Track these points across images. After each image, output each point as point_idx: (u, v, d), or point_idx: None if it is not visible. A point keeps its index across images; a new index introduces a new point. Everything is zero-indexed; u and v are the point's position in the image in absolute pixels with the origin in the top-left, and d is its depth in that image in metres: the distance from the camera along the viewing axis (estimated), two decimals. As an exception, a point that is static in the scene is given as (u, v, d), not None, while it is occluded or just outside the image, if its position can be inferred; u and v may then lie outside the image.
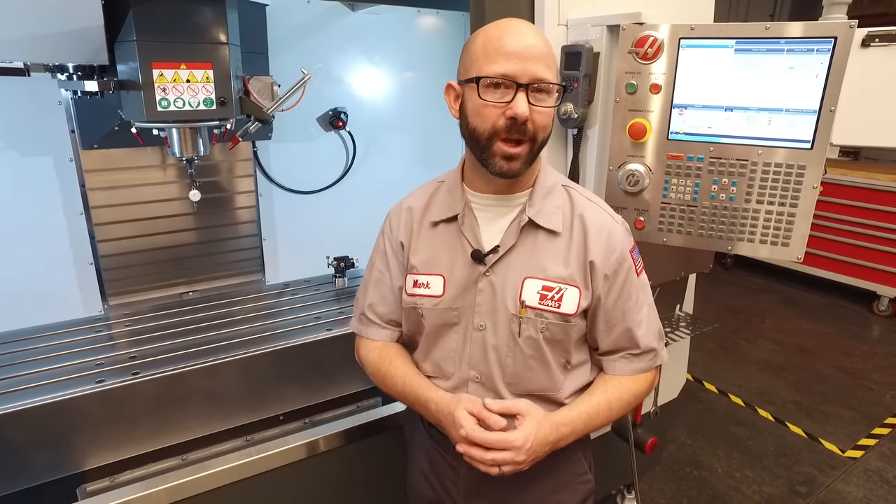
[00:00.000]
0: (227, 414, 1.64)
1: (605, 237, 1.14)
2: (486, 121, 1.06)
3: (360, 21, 2.43)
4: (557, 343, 1.17)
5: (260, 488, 1.53)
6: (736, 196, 1.43)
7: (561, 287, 1.13)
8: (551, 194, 1.17)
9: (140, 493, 1.35)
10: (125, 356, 1.62)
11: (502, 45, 1.04)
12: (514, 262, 1.15)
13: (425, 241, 1.22)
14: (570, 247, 1.15)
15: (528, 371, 1.17)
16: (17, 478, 1.38)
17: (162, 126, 1.71)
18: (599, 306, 1.17)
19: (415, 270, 1.22)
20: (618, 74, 1.48)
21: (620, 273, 1.15)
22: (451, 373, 1.21)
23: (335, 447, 1.62)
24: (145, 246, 2.14)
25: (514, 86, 1.03)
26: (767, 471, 2.82)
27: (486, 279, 1.16)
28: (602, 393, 1.19)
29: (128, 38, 1.55)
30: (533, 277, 1.14)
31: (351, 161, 2.60)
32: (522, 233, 1.15)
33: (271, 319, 1.88)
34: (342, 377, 1.81)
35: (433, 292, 1.20)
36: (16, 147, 1.98)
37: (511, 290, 1.15)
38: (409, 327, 1.27)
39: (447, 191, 1.24)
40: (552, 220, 1.15)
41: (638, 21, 1.43)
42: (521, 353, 1.16)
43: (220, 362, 1.60)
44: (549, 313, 1.14)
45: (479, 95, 1.05)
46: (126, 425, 1.50)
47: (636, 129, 1.47)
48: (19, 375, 1.50)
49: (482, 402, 1.12)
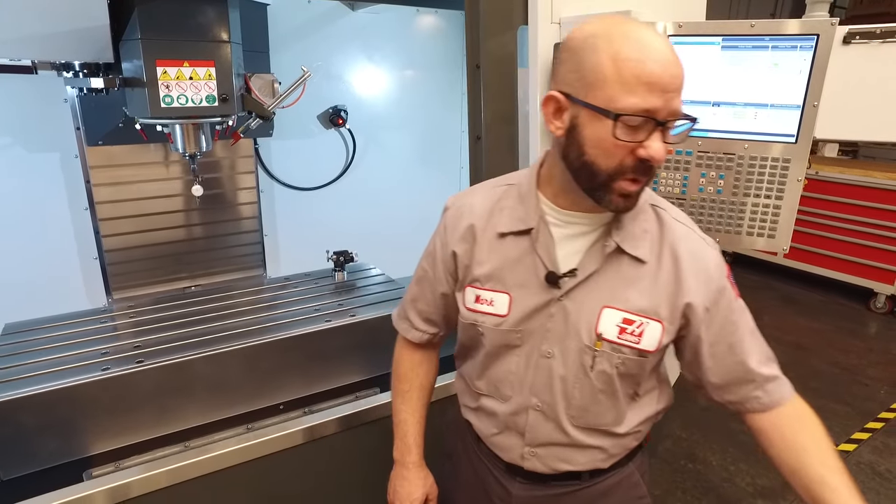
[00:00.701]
0: (229, 402, 1.68)
1: (702, 270, 1.02)
2: (613, 159, 0.90)
3: (359, 20, 2.47)
4: (630, 377, 1.07)
5: (258, 472, 1.57)
6: (723, 189, 1.47)
7: (643, 321, 1.01)
8: (640, 216, 1.03)
9: (141, 475, 1.39)
10: (130, 346, 1.66)
11: (644, 70, 0.85)
12: (593, 288, 1.03)
13: (489, 253, 1.09)
14: (658, 277, 1.02)
15: (595, 405, 1.08)
16: (27, 461, 1.42)
17: (165, 122, 1.75)
18: (701, 342, 1.04)
19: (477, 284, 1.10)
20: (608, 71, 1.51)
21: (721, 303, 1.03)
22: (509, 396, 1.13)
23: (332, 433, 1.66)
24: (148, 241, 2.18)
25: (652, 123, 0.87)
26: (761, 464, 2.86)
27: (560, 304, 1.04)
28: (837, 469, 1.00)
29: (132, 36, 1.59)
30: (612, 308, 1.02)
31: (351, 158, 2.65)
32: (607, 259, 1.02)
33: (272, 311, 1.92)
34: (341, 367, 1.85)
35: (497, 311, 1.09)
36: (23, 144, 2.03)
37: (586, 319, 1.03)
38: (467, 342, 1.20)
39: (518, 198, 1.08)
40: (639, 246, 1.01)
41: (628, 19, 1.47)
42: (591, 386, 1.06)
43: (222, 352, 1.64)
44: (627, 348, 1.03)
45: (615, 134, 0.87)
46: (131, 412, 1.55)
47: (626, 124, 1.51)
48: (29, 363, 1.54)
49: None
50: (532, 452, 1.14)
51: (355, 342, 1.85)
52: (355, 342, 1.85)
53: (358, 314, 1.87)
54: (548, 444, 1.13)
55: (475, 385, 1.19)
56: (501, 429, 1.17)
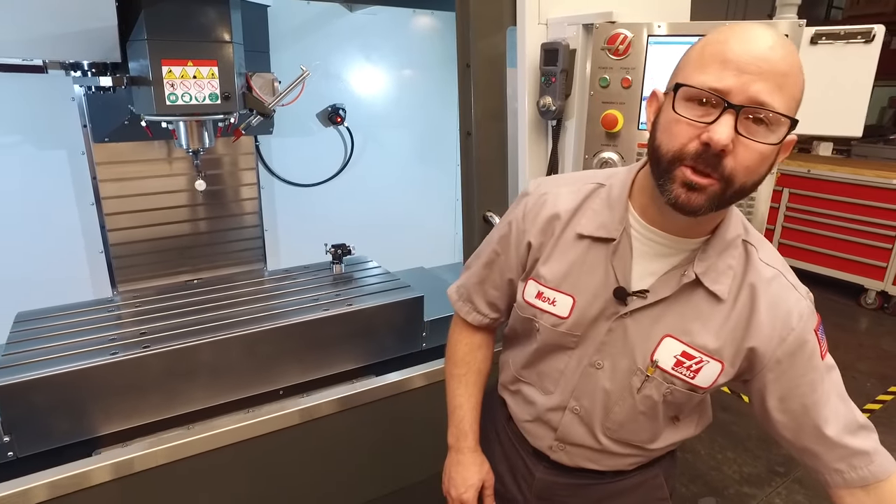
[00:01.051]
0: (231, 387, 1.76)
1: (780, 318, 0.95)
2: (675, 140, 0.84)
3: (357, 21, 2.54)
4: (675, 405, 1.05)
5: (256, 452, 1.66)
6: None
7: (703, 358, 0.97)
8: (728, 251, 0.96)
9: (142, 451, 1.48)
10: (136, 332, 1.73)
11: (723, 49, 0.81)
12: (660, 314, 0.99)
13: (563, 252, 1.06)
14: (729, 317, 0.96)
15: (633, 423, 1.07)
16: (40, 439, 1.49)
17: (170, 119, 1.82)
18: (767, 393, 0.98)
19: (542, 281, 1.08)
20: (592, 69, 1.60)
21: (800, 357, 0.95)
22: (551, 391, 1.13)
23: (326, 414, 1.74)
24: (152, 235, 2.25)
25: (722, 104, 0.80)
26: (749, 453, 2.94)
27: (621, 321, 1.01)
28: None
29: (139, 37, 1.67)
30: (674, 338, 0.98)
31: (349, 155, 2.72)
32: (683, 287, 0.97)
33: (272, 300, 2.00)
34: (339, 355, 1.93)
35: (558, 312, 1.06)
36: (32, 141, 2.10)
37: (644, 342, 1.00)
38: (519, 329, 1.19)
39: (607, 202, 1.03)
40: (719, 282, 0.95)
41: (610, 20, 1.55)
42: (634, 407, 1.05)
43: (224, 338, 1.71)
44: (680, 381, 1.00)
45: (674, 108, 0.84)
46: (137, 395, 1.62)
47: (609, 119, 1.59)
48: (41, 348, 1.62)
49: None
50: (560, 447, 1.16)
51: (352, 330, 1.93)
52: (352, 330, 1.93)
53: (355, 304, 1.95)
54: (577, 446, 1.13)
55: (519, 372, 1.19)
56: (535, 418, 1.17)
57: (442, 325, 2.08)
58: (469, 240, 1.84)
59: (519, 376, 1.20)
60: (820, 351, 0.97)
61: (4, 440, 1.45)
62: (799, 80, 0.84)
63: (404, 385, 1.86)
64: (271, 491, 1.73)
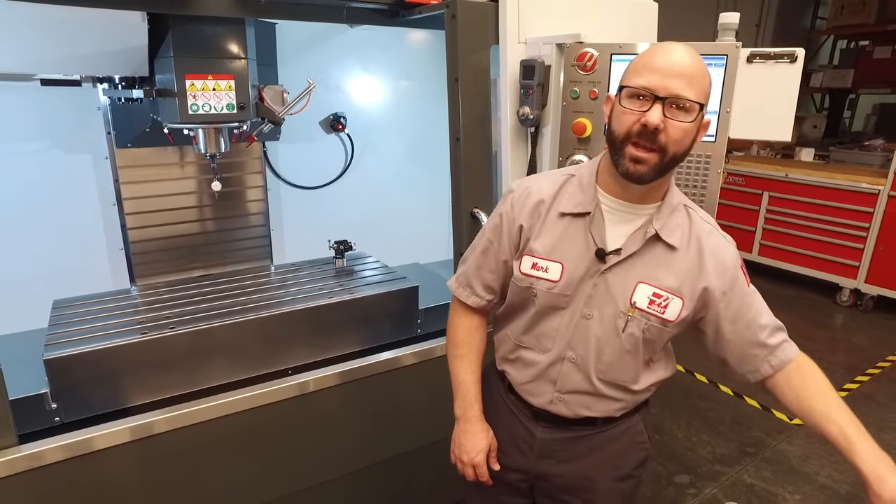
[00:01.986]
0: (246, 366, 1.96)
1: (718, 259, 1.24)
2: (623, 125, 1.14)
3: (357, 36, 2.74)
4: (651, 343, 1.28)
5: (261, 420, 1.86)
6: (659, 180, 1.77)
7: (669, 296, 1.23)
8: (676, 212, 1.26)
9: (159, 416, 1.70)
10: (162, 316, 1.95)
11: (651, 61, 1.13)
12: (632, 266, 1.25)
13: (550, 229, 1.30)
14: (684, 262, 1.24)
15: (620, 362, 1.29)
16: (81, 408, 1.70)
17: (192, 127, 2.04)
18: (721, 319, 1.26)
19: (535, 254, 1.31)
20: (564, 83, 1.82)
21: (736, 287, 1.25)
22: (549, 349, 1.34)
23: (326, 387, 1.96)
24: (168, 234, 2.44)
25: (651, 98, 1.11)
26: (722, 436, 3.15)
27: (603, 276, 1.26)
28: (840, 406, 1.22)
29: (167, 54, 1.89)
30: (646, 283, 1.24)
31: (349, 160, 2.93)
32: (646, 243, 1.24)
33: (282, 290, 2.21)
34: (342, 339, 2.13)
35: (550, 277, 1.29)
36: (60, 147, 2.31)
37: (623, 290, 1.25)
38: (517, 302, 1.39)
39: (579, 187, 1.30)
40: (673, 235, 1.24)
41: (578, 40, 1.77)
42: (621, 346, 1.28)
43: (241, 321, 1.92)
44: (654, 317, 1.25)
45: (620, 102, 1.15)
46: (164, 371, 1.83)
47: (579, 127, 1.81)
48: (79, 329, 1.83)
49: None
50: (560, 398, 1.36)
51: (354, 317, 2.14)
52: (354, 317, 2.14)
53: (356, 292, 2.16)
54: (575, 392, 1.34)
55: (520, 339, 1.40)
56: (535, 377, 1.38)
57: (434, 313, 2.29)
58: (458, 233, 2.05)
59: (519, 342, 1.40)
60: (746, 281, 1.29)
61: (53, 406, 1.65)
62: (705, 79, 1.16)
63: (396, 363, 2.07)
64: (276, 456, 1.94)
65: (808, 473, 2.84)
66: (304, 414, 1.95)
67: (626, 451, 1.41)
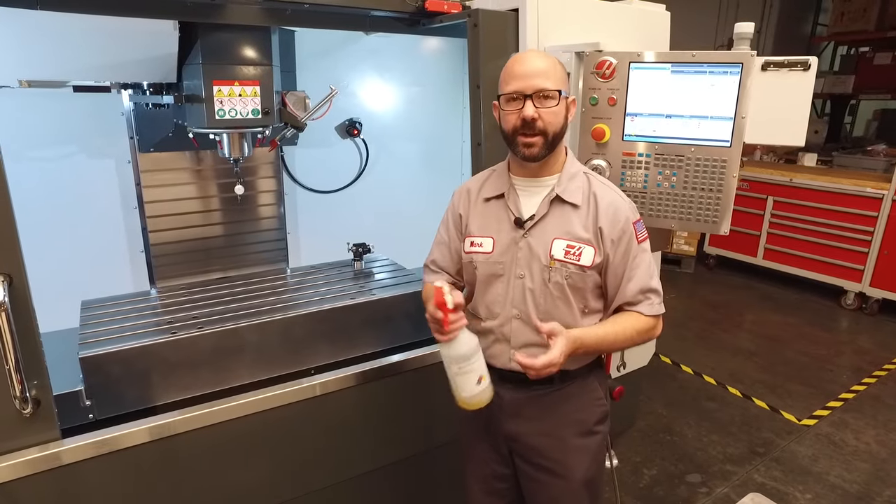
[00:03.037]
0: (270, 365, 2.01)
1: (612, 211, 1.47)
2: (509, 123, 1.46)
3: (372, 43, 2.79)
4: (577, 290, 1.49)
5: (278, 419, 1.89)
6: (676, 184, 1.82)
7: (580, 246, 1.47)
8: (575, 178, 1.51)
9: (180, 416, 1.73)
10: (189, 316, 1.99)
11: (513, 70, 1.45)
12: (546, 227, 1.49)
13: (479, 212, 1.60)
14: (588, 216, 1.47)
15: (555, 309, 1.50)
16: (114, 405, 1.74)
17: (217, 131, 2.09)
18: (608, 264, 1.48)
19: (471, 234, 1.60)
20: (583, 90, 1.87)
21: (624, 239, 1.47)
22: (497, 313, 1.56)
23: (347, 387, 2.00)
24: (187, 237, 2.49)
25: (522, 97, 1.42)
26: (732, 436, 3.19)
27: (525, 240, 1.51)
28: (612, 323, 1.52)
29: (195, 61, 1.94)
30: (560, 238, 1.48)
31: (364, 164, 2.98)
32: (552, 205, 1.50)
33: (304, 291, 2.26)
34: (364, 339, 2.18)
35: (485, 250, 1.56)
36: (85, 151, 2.35)
37: (543, 247, 1.49)
38: (468, 278, 1.65)
39: (497, 176, 1.61)
40: (574, 196, 1.49)
41: (597, 49, 1.83)
42: (551, 294, 1.50)
43: (266, 321, 1.97)
44: (572, 265, 1.47)
45: (502, 107, 1.48)
46: (192, 370, 1.87)
47: (597, 132, 1.86)
48: (111, 328, 1.88)
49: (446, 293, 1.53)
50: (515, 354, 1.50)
51: (374, 317, 2.18)
52: (374, 317, 2.18)
53: (376, 294, 2.21)
54: (527, 345, 1.53)
55: (477, 311, 1.62)
56: (493, 341, 1.59)
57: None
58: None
59: (474, 313, 1.62)
60: (637, 237, 1.50)
61: (87, 403, 1.70)
62: (557, 69, 1.45)
63: (415, 363, 2.12)
64: (296, 455, 1.97)
65: (819, 473, 2.88)
66: (324, 414, 1.99)
67: (585, 407, 1.60)
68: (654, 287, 1.52)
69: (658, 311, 1.52)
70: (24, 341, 1.37)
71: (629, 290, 1.50)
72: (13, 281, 1.34)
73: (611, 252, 1.48)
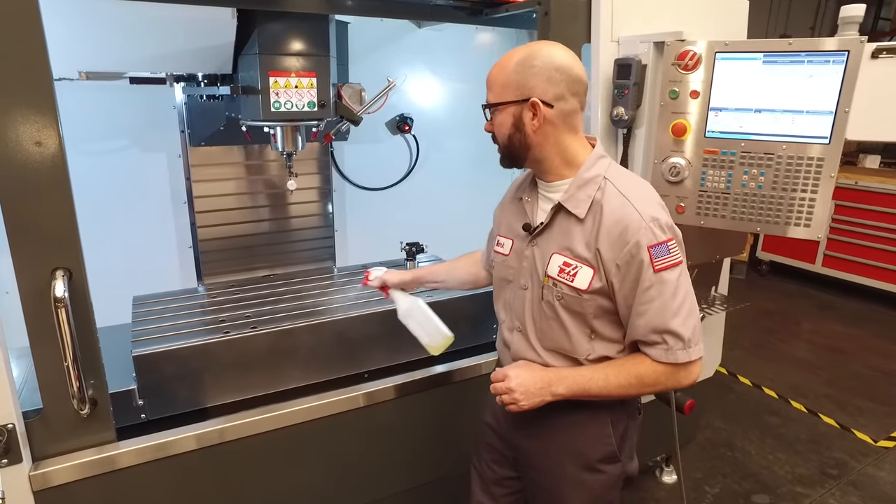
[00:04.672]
0: (323, 368, 1.93)
1: (618, 230, 1.23)
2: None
3: (424, 36, 2.72)
4: (575, 313, 1.32)
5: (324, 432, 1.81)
6: (764, 184, 1.67)
7: (578, 265, 1.29)
8: (587, 185, 1.30)
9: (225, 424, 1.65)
10: (241, 315, 1.93)
11: None
12: (550, 238, 1.35)
13: (507, 211, 1.51)
14: (590, 233, 1.27)
15: (549, 329, 1.36)
16: (166, 406, 1.69)
17: (272, 124, 2.03)
18: (615, 292, 1.28)
19: (500, 233, 1.51)
20: (662, 83, 1.74)
21: (632, 265, 1.23)
22: (503, 320, 1.49)
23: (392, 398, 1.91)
24: (235, 232, 2.45)
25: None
26: (800, 455, 2.99)
27: (531, 248, 1.38)
28: (606, 365, 1.32)
29: (252, 51, 1.88)
30: (559, 253, 1.32)
31: (414, 161, 2.90)
32: (557, 215, 1.33)
33: (356, 292, 2.18)
34: (415, 343, 2.07)
35: (503, 251, 1.47)
36: (137, 145, 2.33)
37: (543, 261, 1.35)
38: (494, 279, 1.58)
39: (527, 176, 1.49)
40: (579, 206, 1.29)
41: (680, 38, 1.69)
42: (543, 313, 1.36)
43: (320, 322, 1.90)
44: (564, 285, 1.30)
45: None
46: (244, 371, 1.81)
47: (678, 128, 1.73)
48: (164, 326, 1.83)
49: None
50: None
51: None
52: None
53: (434, 296, 2.11)
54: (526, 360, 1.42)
55: (496, 308, 1.54)
56: (501, 346, 1.53)
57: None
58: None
59: (496, 312, 1.55)
60: (653, 265, 1.23)
61: (139, 403, 1.65)
62: (499, 76, 1.30)
63: (476, 370, 2.01)
64: (336, 468, 1.89)
65: (901, 501, 2.67)
66: (372, 423, 1.91)
67: (589, 440, 1.42)
68: (672, 329, 1.24)
69: (675, 358, 1.25)
70: (83, 338, 1.32)
71: (639, 329, 1.27)
72: (73, 276, 1.29)
73: (615, 279, 1.26)
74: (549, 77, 1.25)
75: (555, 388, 1.31)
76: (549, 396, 1.31)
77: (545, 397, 1.31)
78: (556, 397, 1.32)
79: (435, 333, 1.75)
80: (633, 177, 1.37)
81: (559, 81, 1.26)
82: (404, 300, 1.79)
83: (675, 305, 1.24)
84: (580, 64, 1.31)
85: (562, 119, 1.29)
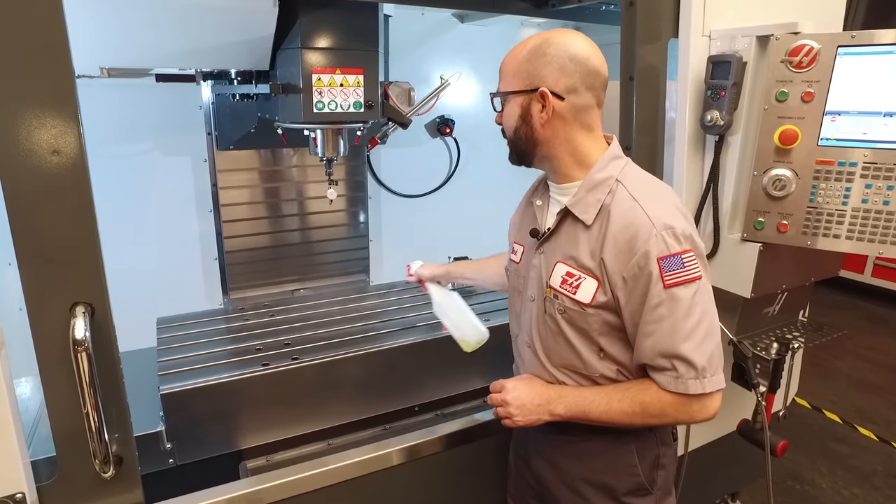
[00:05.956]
0: (369, 402, 1.72)
1: (625, 238, 1.10)
2: None
3: (467, 32, 2.51)
4: (580, 329, 1.19)
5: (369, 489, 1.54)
6: (891, 200, 1.43)
7: (581, 276, 1.16)
8: (597, 188, 1.16)
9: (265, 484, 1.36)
10: (280, 342, 1.72)
11: None
12: (556, 245, 1.23)
13: (521, 215, 1.40)
14: (597, 240, 1.15)
15: (555, 345, 1.24)
16: (196, 449, 1.49)
17: (311, 127, 1.81)
18: (622, 308, 1.14)
19: (514, 238, 1.40)
20: (767, 83, 1.50)
21: (640, 278, 1.09)
22: (517, 333, 1.37)
23: (440, 450, 1.62)
24: (264, 244, 2.26)
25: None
26: (879, 491, 2.74)
27: (539, 256, 1.26)
28: (613, 388, 1.19)
29: (292, 45, 1.66)
30: (563, 262, 1.20)
31: (455, 165, 2.68)
32: (564, 220, 1.21)
33: (405, 315, 1.97)
34: (470, 372, 1.87)
35: (515, 258, 1.36)
36: (161, 148, 2.13)
37: (546, 271, 1.23)
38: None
39: (541, 179, 1.36)
40: (586, 212, 1.16)
41: (793, 31, 1.46)
42: (547, 327, 1.24)
43: (367, 352, 1.69)
44: (566, 298, 1.18)
45: None
46: (284, 407, 1.60)
47: (787, 135, 1.49)
48: (193, 356, 1.62)
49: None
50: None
51: (485, 347, 1.86)
52: (485, 347, 1.86)
53: (490, 319, 1.88)
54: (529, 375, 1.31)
55: (510, 325, 1.42)
56: (515, 357, 1.41)
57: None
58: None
59: (510, 325, 1.43)
60: (663, 279, 1.08)
61: (167, 447, 1.44)
62: (511, 64, 1.19)
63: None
64: None
65: None
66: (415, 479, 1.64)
67: (613, 470, 1.27)
68: (682, 354, 1.09)
69: (685, 388, 1.10)
70: (106, 386, 1.10)
71: (645, 351, 1.13)
72: (95, 312, 1.07)
73: (621, 294, 1.12)
74: (561, 67, 1.13)
75: (553, 407, 1.22)
76: (546, 416, 1.22)
77: (542, 416, 1.22)
78: (554, 417, 1.22)
79: (467, 329, 1.66)
80: (651, 180, 1.23)
81: (573, 72, 1.13)
82: (438, 294, 1.75)
83: (688, 327, 1.09)
84: (600, 56, 1.17)
85: (573, 114, 1.16)
